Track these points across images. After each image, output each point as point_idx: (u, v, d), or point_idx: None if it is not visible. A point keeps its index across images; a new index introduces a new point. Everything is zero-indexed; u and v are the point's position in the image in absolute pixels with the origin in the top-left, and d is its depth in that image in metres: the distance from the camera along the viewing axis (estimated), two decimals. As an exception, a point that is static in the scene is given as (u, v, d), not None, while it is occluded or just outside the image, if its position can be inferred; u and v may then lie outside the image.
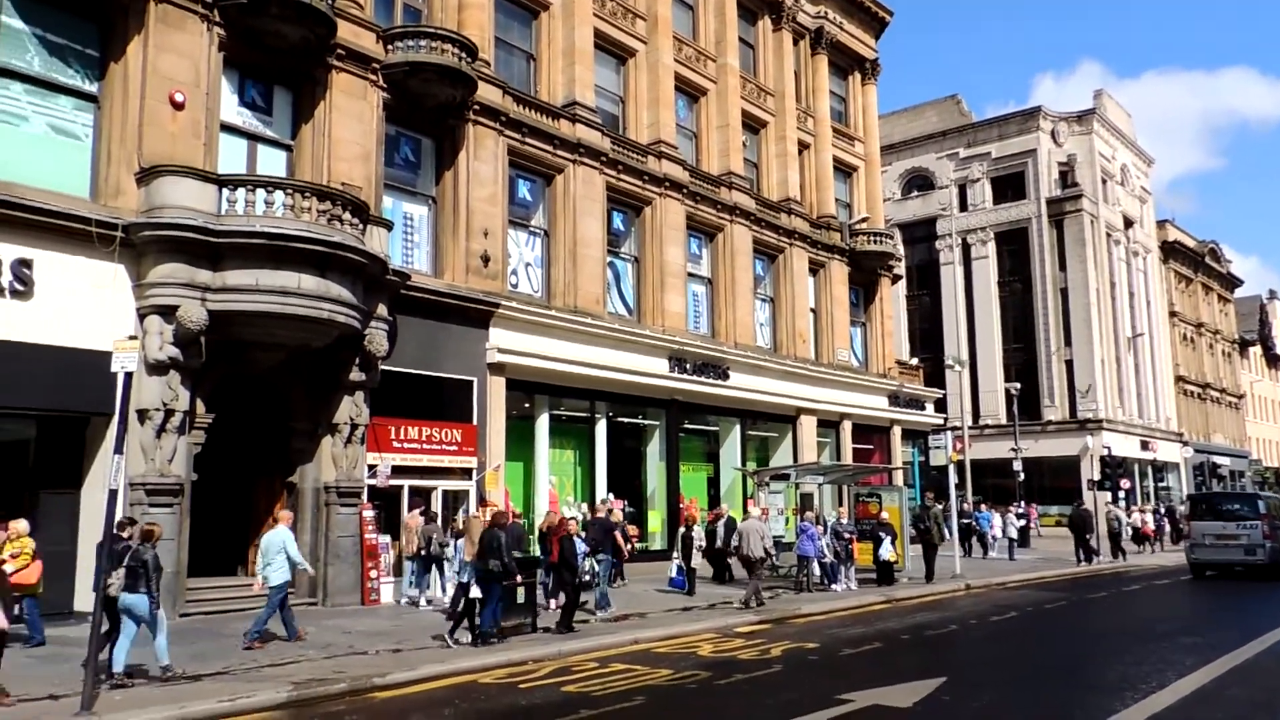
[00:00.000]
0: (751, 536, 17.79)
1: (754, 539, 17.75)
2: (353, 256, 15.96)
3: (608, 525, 17.90)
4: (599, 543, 16.81)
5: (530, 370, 20.95)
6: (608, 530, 17.60)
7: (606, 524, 17.89)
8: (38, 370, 13.59)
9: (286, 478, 17.16)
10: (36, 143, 14.46)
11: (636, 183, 24.78)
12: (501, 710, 9.51)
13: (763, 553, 17.76)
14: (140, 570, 10.21)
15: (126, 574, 10.22)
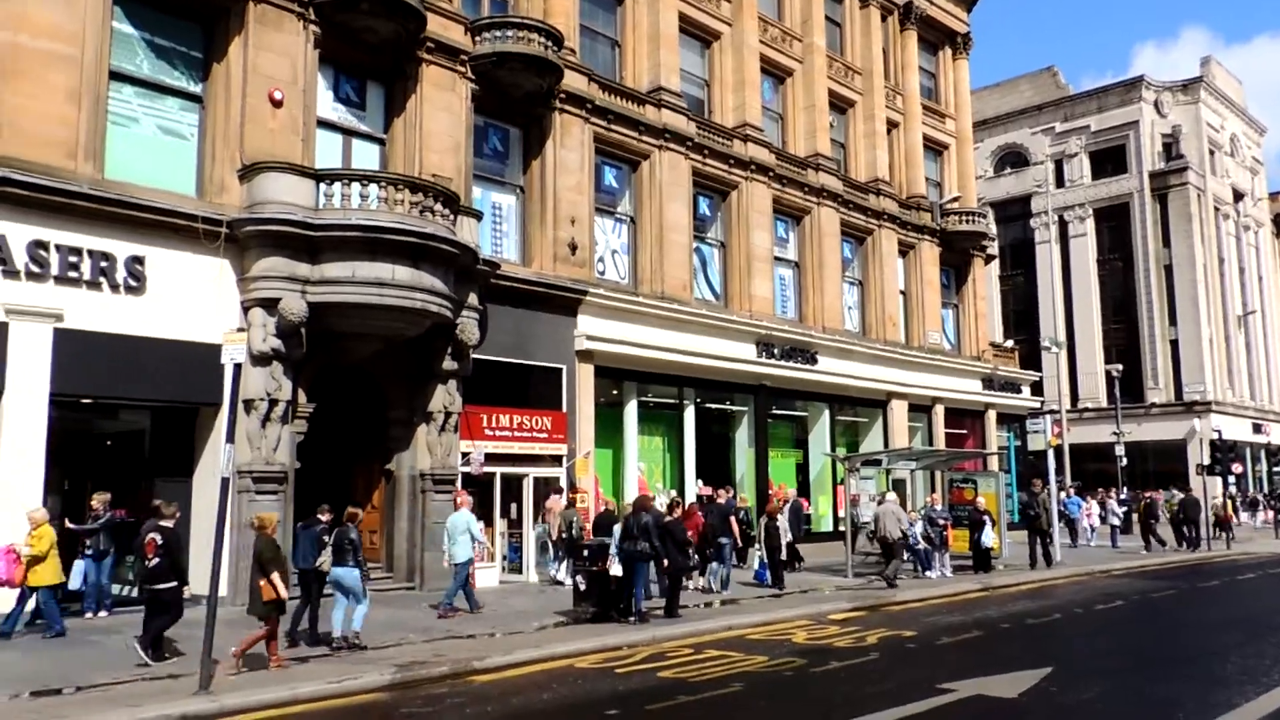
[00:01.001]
0: (888, 518, 18.63)
1: (890, 521, 18.58)
2: (444, 247, 16.22)
3: (726, 510, 18.43)
4: (717, 528, 17.47)
5: (618, 357, 21.02)
6: (725, 515, 18.11)
7: (725, 509, 18.43)
8: (151, 363, 14.18)
9: (384, 465, 17.59)
10: (146, 143, 15.05)
11: (722, 167, 24.60)
12: (599, 695, 9.58)
13: (899, 534, 18.59)
14: (348, 547, 11.70)
15: (334, 551, 11.75)
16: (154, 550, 10.75)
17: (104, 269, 13.78)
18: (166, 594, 10.80)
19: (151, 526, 10.97)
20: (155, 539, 10.81)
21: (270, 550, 10.59)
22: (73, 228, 13.48)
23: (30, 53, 13.34)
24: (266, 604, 10.42)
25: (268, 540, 10.69)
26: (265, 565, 10.43)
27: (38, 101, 13.36)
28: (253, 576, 10.58)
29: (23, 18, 13.31)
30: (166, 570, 10.79)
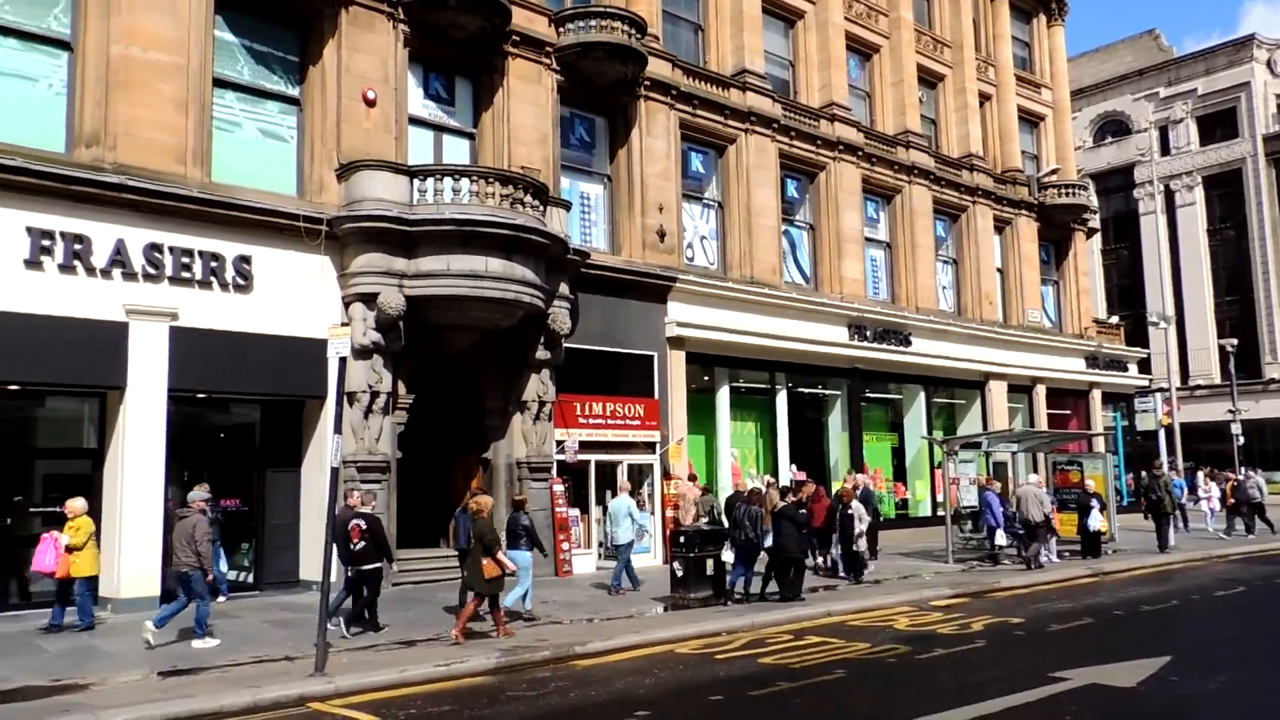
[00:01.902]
0: (1030, 501, 18.53)
1: (1032, 504, 18.46)
2: (535, 238, 16.40)
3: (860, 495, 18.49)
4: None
5: (709, 343, 20.98)
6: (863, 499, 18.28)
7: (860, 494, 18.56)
8: (259, 358, 14.71)
9: (481, 454, 17.92)
10: (248, 146, 15.58)
11: (809, 148, 24.25)
12: (701, 681, 9.59)
13: (1041, 516, 18.44)
14: (520, 531, 12.92)
15: (507, 536, 12.90)
16: (359, 535, 11.97)
17: (214, 269, 14.35)
18: (370, 574, 12.00)
19: (349, 514, 12.11)
20: (360, 525, 12.03)
21: (490, 531, 11.61)
22: (184, 230, 14.06)
23: (142, 64, 13.93)
24: (489, 581, 11.42)
25: (486, 522, 11.69)
26: (488, 546, 11.45)
27: (149, 110, 13.95)
28: (473, 555, 11.55)
29: (134, 31, 13.91)
30: (371, 552, 12.00)
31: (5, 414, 13.93)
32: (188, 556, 11.21)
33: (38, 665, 10.01)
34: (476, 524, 11.70)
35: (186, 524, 11.35)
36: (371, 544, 12.05)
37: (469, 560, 11.79)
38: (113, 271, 13.44)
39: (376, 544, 12.13)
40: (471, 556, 11.61)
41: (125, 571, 13.35)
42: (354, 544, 11.97)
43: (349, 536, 11.93)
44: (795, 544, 14.44)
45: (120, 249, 13.48)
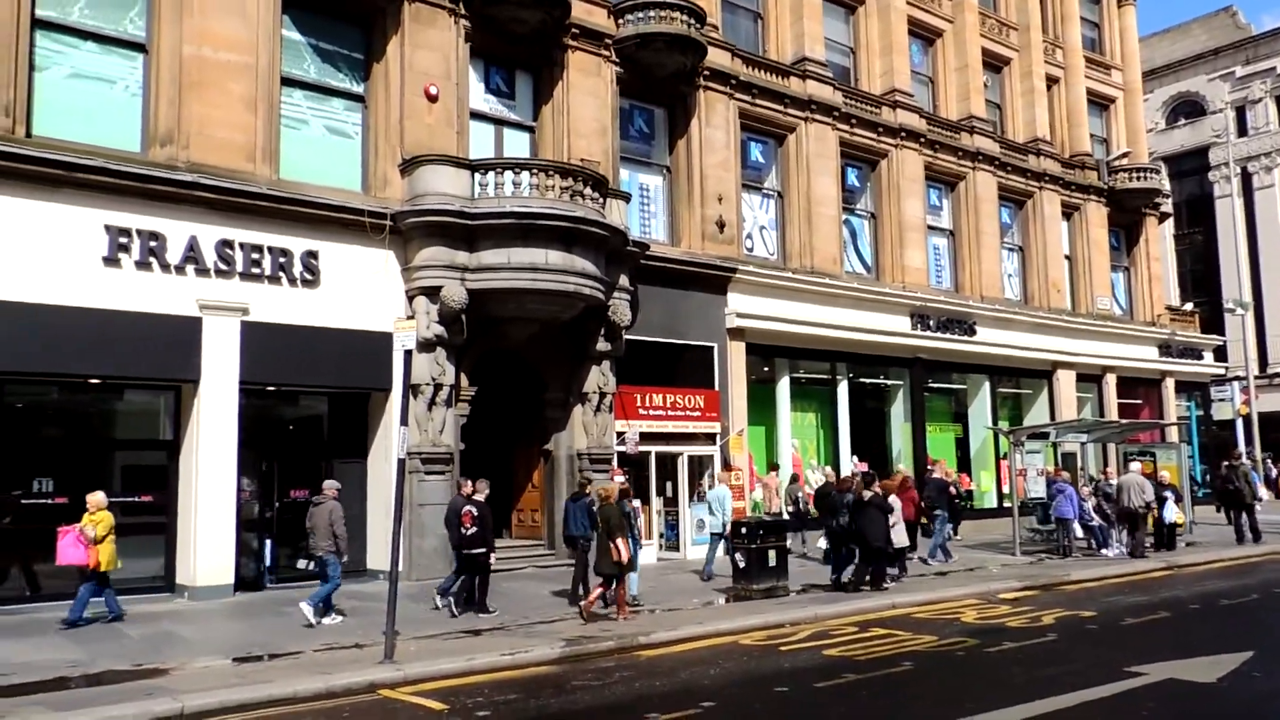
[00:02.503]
0: (1132, 490, 18.41)
1: (1134, 492, 18.35)
2: (595, 230, 16.45)
3: (943, 484, 18.96)
4: (935, 500, 18.48)
5: (769, 334, 20.85)
6: (943, 488, 18.77)
7: (942, 483, 18.98)
8: (326, 351, 14.98)
9: (543, 445, 18.04)
10: (315, 143, 15.86)
11: (870, 135, 23.93)
12: (765, 672, 9.56)
13: (1143, 504, 18.37)
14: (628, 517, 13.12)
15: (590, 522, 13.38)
16: (470, 521, 12.62)
17: (283, 264, 14.65)
18: (481, 557, 12.62)
19: (461, 502, 12.91)
20: (471, 511, 12.67)
21: (617, 516, 12.25)
22: (254, 226, 14.38)
23: (213, 64, 14.27)
24: (615, 564, 12.08)
25: (613, 508, 12.33)
26: (613, 531, 12.10)
27: (221, 110, 14.29)
28: (600, 540, 12.34)
29: (206, 32, 14.24)
30: (480, 537, 12.60)
31: (86, 407, 14.42)
32: (325, 541, 12.04)
33: (119, 650, 10.34)
34: (603, 509, 12.42)
35: (323, 510, 12.16)
36: (480, 531, 12.66)
37: (596, 545, 12.52)
38: (186, 268, 13.80)
39: (483, 532, 12.69)
40: (599, 542, 12.34)
41: (201, 561, 13.71)
42: (466, 529, 12.62)
43: (461, 522, 12.63)
44: (880, 533, 14.44)
45: (193, 246, 13.84)
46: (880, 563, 14.61)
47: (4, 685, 8.79)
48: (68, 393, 14.16)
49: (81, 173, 12.91)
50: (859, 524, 14.43)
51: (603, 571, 12.30)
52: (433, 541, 15.51)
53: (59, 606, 12.74)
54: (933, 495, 18.65)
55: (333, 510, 12.12)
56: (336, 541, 12.07)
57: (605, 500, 12.53)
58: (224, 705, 8.29)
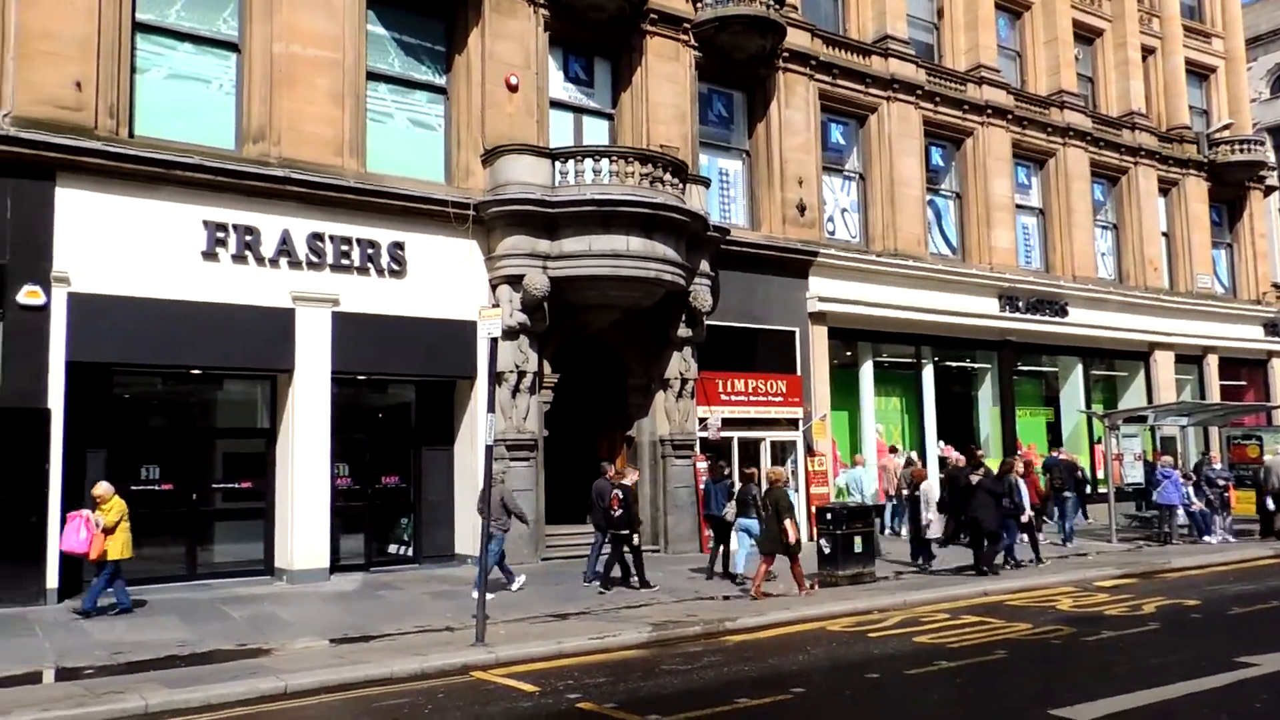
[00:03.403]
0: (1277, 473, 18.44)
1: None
2: (675, 216, 16.42)
3: (1072, 466, 19.32)
4: (1065, 482, 18.81)
5: (851, 317, 20.57)
6: (1072, 470, 19.11)
7: (1071, 465, 19.35)
8: (413, 340, 15.28)
9: (625, 432, 18.12)
10: (400, 136, 16.15)
11: (955, 113, 23.35)
12: (854, 659, 9.47)
13: None
14: (751, 501, 14.08)
15: (739, 505, 14.20)
16: (618, 503, 13.37)
17: (371, 255, 14.97)
18: (626, 538, 13.49)
19: (606, 485, 13.77)
20: (619, 494, 13.44)
21: (786, 499, 12.82)
22: (343, 219, 14.72)
23: (302, 60, 14.63)
24: (789, 544, 12.62)
25: (782, 490, 12.94)
26: (782, 512, 12.63)
27: (310, 105, 14.64)
28: (769, 521, 12.89)
29: (295, 29, 14.61)
30: (626, 520, 13.41)
31: (188, 397, 15.00)
32: (499, 518, 13.05)
33: (224, 631, 10.74)
34: (772, 491, 13.03)
35: (497, 491, 13.10)
36: (627, 513, 13.42)
37: (765, 526, 13.07)
38: (280, 260, 14.21)
39: (628, 513, 13.46)
40: (768, 524, 12.94)
41: (298, 545, 14.15)
42: (614, 511, 13.37)
43: (610, 505, 13.42)
44: (993, 518, 14.32)
45: (286, 239, 14.24)
46: (993, 547, 14.47)
47: (121, 663, 9.21)
48: (171, 383, 14.75)
49: (181, 170, 13.39)
50: (971, 508, 14.28)
51: (768, 550, 12.85)
52: (518, 527, 15.69)
53: (164, 588, 13.36)
54: (1063, 477, 18.66)
55: (503, 491, 13.52)
56: (510, 516, 13.41)
57: (776, 483, 13.14)
58: (324, 684, 8.55)
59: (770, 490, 13.17)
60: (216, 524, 14.71)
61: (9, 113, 12.38)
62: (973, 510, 14.35)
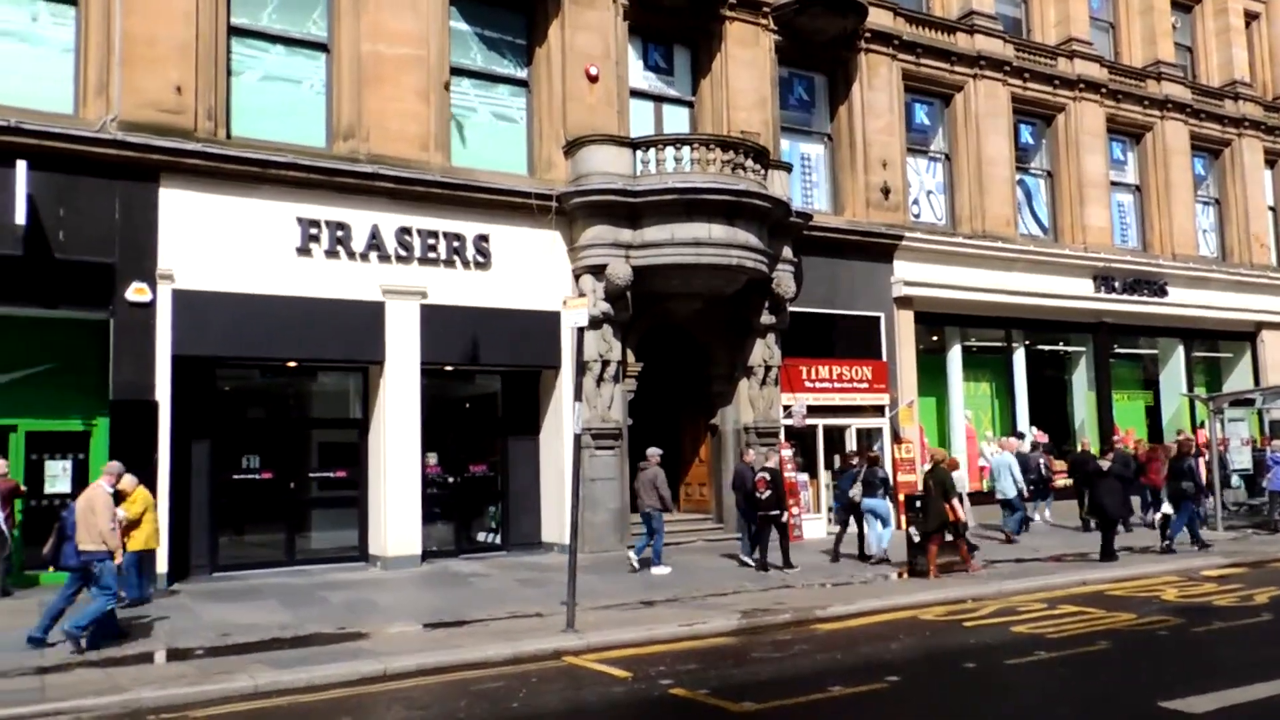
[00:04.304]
0: None
1: None
2: (757, 202, 16.30)
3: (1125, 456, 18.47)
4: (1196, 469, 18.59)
5: (939, 302, 20.16)
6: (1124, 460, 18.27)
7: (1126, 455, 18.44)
8: (498, 331, 15.48)
9: (709, 420, 18.09)
10: (483, 130, 16.35)
11: (1045, 89, 22.64)
12: (950, 648, 9.30)
13: None
14: (878, 483, 14.65)
15: (865, 486, 14.64)
16: (764, 485, 13.87)
17: (456, 248, 15.21)
18: (777, 519, 13.90)
19: (745, 470, 14.39)
20: (765, 477, 13.98)
21: (950, 481, 13.26)
22: (429, 213, 14.99)
23: (388, 59, 14.92)
24: (952, 524, 13.07)
25: (945, 471, 13.37)
26: (948, 493, 13.06)
27: (396, 103, 14.93)
28: (934, 502, 13.14)
29: (381, 28, 14.90)
30: (775, 501, 13.87)
31: (284, 389, 15.47)
32: (651, 499, 13.97)
33: (324, 615, 11.07)
34: (935, 471, 13.40)
35: (648, 474, 14.18)
36: (775, 494, 13.86)
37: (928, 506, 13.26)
38: (370, 255, 14.55)
39: (777, 494, 13.90)
40: (933, 503, 13.14)
41: (391, 532, 14.50)
42: (760, 494, 13.84)
43: (755, 488, 13.90)
44: (1116, 503, 14.25)
45: (375, 233, 14.56)
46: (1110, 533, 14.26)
47: (229, 644, 9.58)
48: (269, 375, 15.23)
49: (276, 169, 13.80)
50: (1097, 494, 14.31)
51: (928, 530, 13.10)
52: (603, 515, 15.86)
53: (265, 573, 13.85)
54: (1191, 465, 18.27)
55: (656, 475, 14.12)
56: (661, 500, 14.00)
57: (938, 465, 13.51)
58: (422, 667, 8.74)
59: (934, 470, 13.48)
60: (313, 511, 15.16)
61: (115, 117, 12.92)
62: (1099, 496, 14.30)
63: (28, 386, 13.15)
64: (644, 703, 7.70)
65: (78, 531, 9.56)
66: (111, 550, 9.54)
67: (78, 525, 9.57)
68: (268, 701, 7.78)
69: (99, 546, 9.50)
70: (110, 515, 9.62)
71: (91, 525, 9.50)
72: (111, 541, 9.54)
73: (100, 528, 9.49)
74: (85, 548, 9.51)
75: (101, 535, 9.48)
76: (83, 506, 9.64)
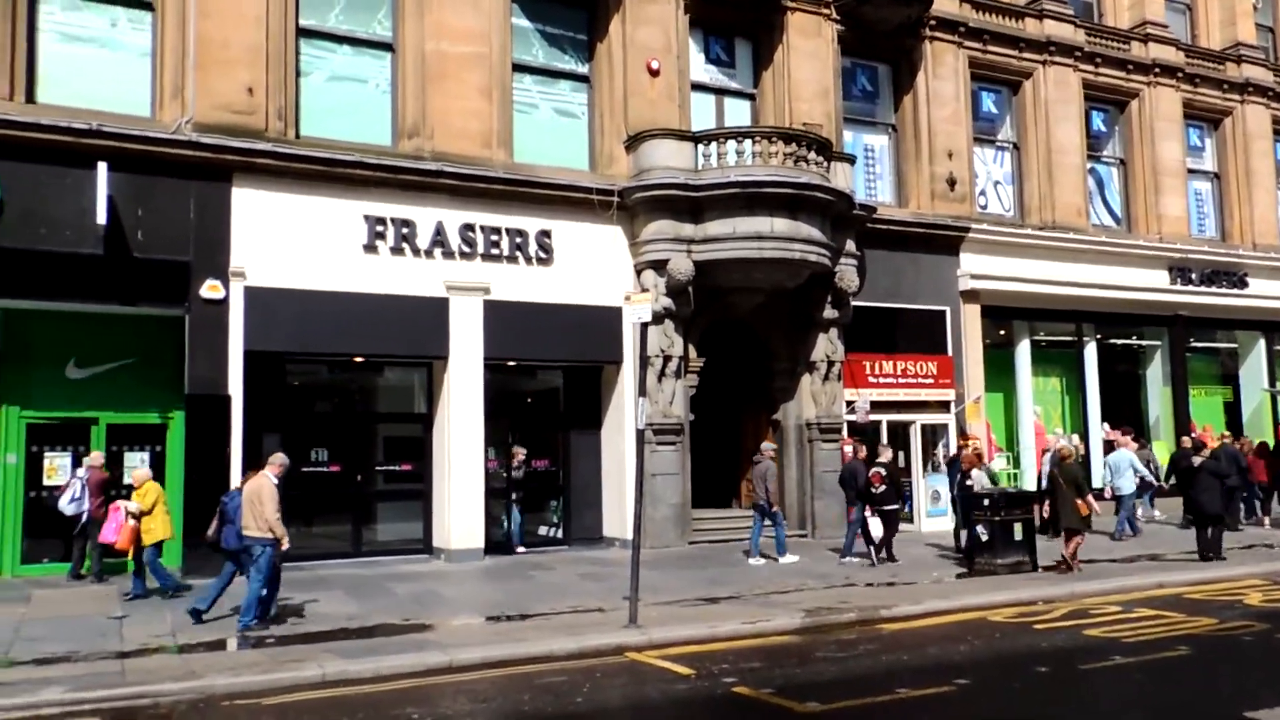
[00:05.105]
0: None
1: None
2: (819, 195, 16.12)
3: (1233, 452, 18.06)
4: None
5: (1006, 295, 19.72)
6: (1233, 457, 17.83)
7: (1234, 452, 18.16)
8: (560, 326, 15.55)
9: (771, 415, 17.95)
10: (544, 126, 16.42)
11: (1118, 75, 21.99)
12: (1020, 650, 9.10)
13: None
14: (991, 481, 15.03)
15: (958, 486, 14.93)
16: (880, 480, 14.22)
17: (519, 244, 15.31)
18: (891, 513, 14.24)
19: (857, 466, 14.68)
20: (880, 472, 14.33)
21: (1081, 475, 13.57)
22: (492, 209, 15.11)
23: (451, 57, 15.05)
24: (1083, 518, 13.24)
25: (1076, 468, 13.68)
26: (1079, 487, 13.26)
27: (459, 100, 15.07)
28: (1062, 498, 13.29)
29: (444, 27, 15.04)
30: (891, 495, 14.30)
31: (352, 383, 15.75)
32: (762, 491, 14.47)
33: (390, 606, 11.25)
34: (1065, 468, 13.52)
35: (760, 468, 14.68)
36: (891, 488, 14.27)
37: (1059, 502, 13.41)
38: (434, 251, 14.72)
39: (895, 488, 14.38)
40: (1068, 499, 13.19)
41: (454, 525, 14.67)
42: (875, 489, 14.18)
43: (870, 483, 14.22)
44: (1217, 500, 14.05)
45: (440, 230, 14.73)
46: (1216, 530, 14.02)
47: (298, 633, 9.78)
48: (336, 370, 15.52)
49: (343, 168, 14.04)
50: (1194, 491, 14.12)
51: (1070, 525, 13.14)
52: (665, 510, 15.85)
53: (333, 565, 14.11)
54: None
55: (768, 469, 14.66)
56: (768, 494, 14.46)
57: (1065, 460, 13.71)
58: (486, 660, 8.82)
59: (1065, 467, 13.58)
60: (378, 504, 15.42)
61: (190, 119, 13.26)
62: (1195, 493, 14.03)
63: (109, 381, 13.60)
64: (707, 700, 7.67)
65: (243, 517, 10.12)
66: (278, 537, 10.03)
67: (243, 511, 10.12)
68: (336, 691, 7.93)
69: (264, 534, 10.01)
70: (275, 504, 10.08)
71: (259, 512, 10.01)
72: (277, 529, 10.02)
73: (266, 515, 9.99)
74: (250, 533, 10.06)
75: (268, 523, 9.98)
76: (249, 494, 10.15)
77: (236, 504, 10.40)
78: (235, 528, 10.35)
